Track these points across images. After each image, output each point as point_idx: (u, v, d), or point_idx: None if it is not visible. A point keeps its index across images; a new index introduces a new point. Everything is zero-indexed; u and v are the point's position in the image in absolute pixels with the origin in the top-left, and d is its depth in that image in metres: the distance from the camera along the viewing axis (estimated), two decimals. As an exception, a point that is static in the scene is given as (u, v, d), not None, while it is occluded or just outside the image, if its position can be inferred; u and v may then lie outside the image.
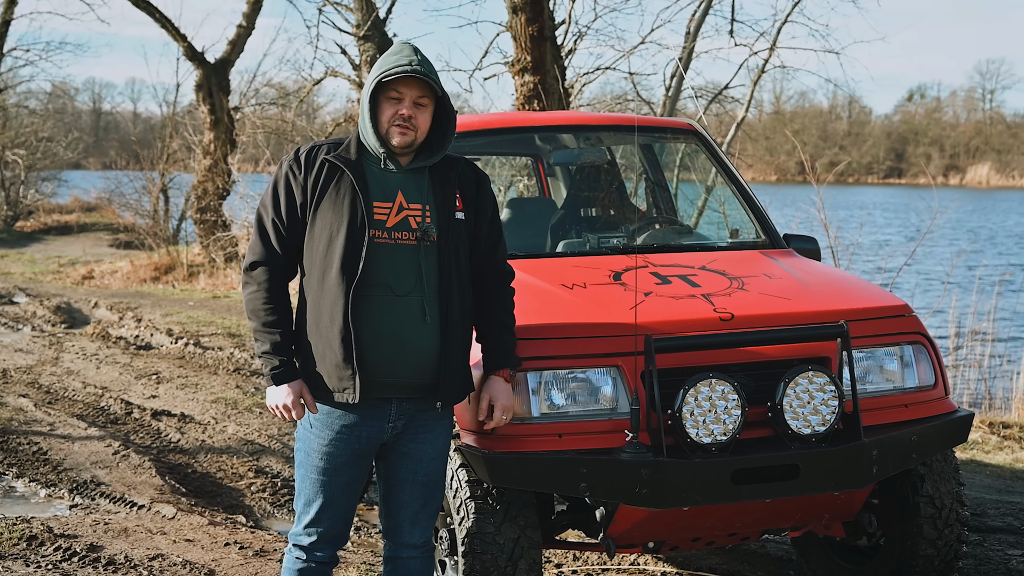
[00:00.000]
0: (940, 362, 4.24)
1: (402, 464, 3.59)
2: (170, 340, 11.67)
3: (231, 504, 6.44)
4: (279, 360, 3.47)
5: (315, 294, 3.47)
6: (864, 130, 77.17)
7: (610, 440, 3.84)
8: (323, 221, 3.46)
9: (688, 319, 4.02)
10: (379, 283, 3.43)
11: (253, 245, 3.55)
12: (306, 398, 3.50)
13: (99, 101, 75.69)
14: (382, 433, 3.52)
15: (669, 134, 5.70)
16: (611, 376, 3.91)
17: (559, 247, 5.14)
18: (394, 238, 3.46)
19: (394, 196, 3.50)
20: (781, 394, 3.84)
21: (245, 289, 3.54)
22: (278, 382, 3.48)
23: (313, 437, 3.53)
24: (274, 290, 3.50)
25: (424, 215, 3.51)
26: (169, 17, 20.86)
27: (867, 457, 3.88)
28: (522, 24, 11.99)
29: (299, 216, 3.50)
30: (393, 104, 3.46)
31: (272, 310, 3.48)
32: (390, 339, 3.43)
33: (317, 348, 3.46)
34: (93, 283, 19.70)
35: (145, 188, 25.80)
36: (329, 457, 3.51)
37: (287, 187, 3.51)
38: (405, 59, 3.44)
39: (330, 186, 3.47)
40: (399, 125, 3.46)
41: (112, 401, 8.70)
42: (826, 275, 4.68)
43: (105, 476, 6.69)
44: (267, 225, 3.52)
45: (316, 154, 3.53)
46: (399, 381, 3.47)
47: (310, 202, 3.48)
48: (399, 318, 3.45)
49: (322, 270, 3.45)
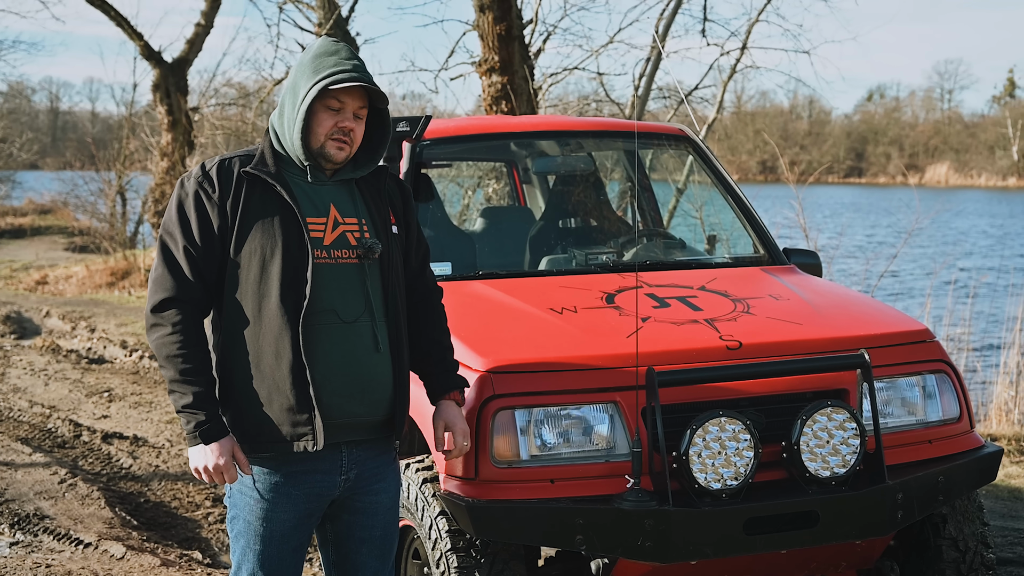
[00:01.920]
0: (965, 392, 3.87)
1: (356, 522, 3.15)
2: (124, 353, 11.16)
3: (187, 537, 5.98)
4: (205, 414, 2.94)
5: (251, 330, 2.97)
6: (824, 130, 77.45)
7: (608, 486, 3.44)
8: (251, 245, 2.97)
9: (691, 348, 3.63)
10: (324, 309, 2.98)
11: (160, 280, 2.99)
12: (238, 456, 2.99)
13: (56, 101, 74.56)
14: (334, 488, 3.07)
15: (661, 141, 5.30)
16: (608, 413, 3.51)
17: (542, 264, 4.73)
18: (334, 257, 3.01)
19: (327, 210, 3.04)
20: (798, 433, 3.46)
21: (153, 333, 2.98)
22: (206, 440, 2.95)
23: (253, 501, 3.04)
24: (191, 332, 2.96)
25: (362, 230, 3.07)
26: (125, 15, 20.36)
27: (891, 501, 3.51)
28: (489, 23, 11.58)
29: (217, 242, 2.98)
30: (331, 115, 3.00)
31: (190, 355, 2.95)
32: (342, 372, 2.99)
33: (260, 392, 2.97)
34: (47, 289, 19.08)
35: (101, 190, 25.14)
36: (274, 522, 3.03)
37: (199, 208, 2.98)
38: (347, 63, 2.98)
39: (253, 204, 2.98)
40: (337, 139, 3.01)
41: (60, 422, 8.19)
42: (836, 295, 4.31)
43: (50, 508, 6.20)
44: (177, 255, 2.98)
45: (228, 168, 3.02)
46: (354, 421, 3.03)
47: (231, 224, 2.97)
48: (349, 348, 3.00)
49: (257, 301, 2.96)
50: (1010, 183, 68.66)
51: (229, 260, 2.99)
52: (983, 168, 70.76)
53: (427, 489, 3.63)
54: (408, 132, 4.62)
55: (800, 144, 70.03)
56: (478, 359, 3.54)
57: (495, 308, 4.01)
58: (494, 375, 3.48)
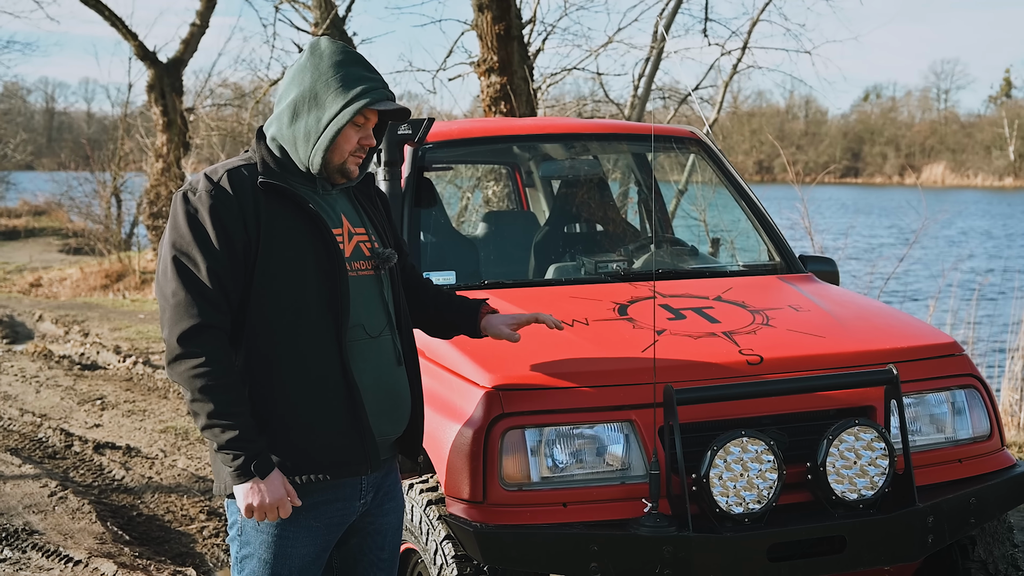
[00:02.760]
0: (995, 408, 3.69)
1: (366, 544, 2.99)
2: (118, 359, 10.95)
3: (180, 552, 5.79)
4: (255, 448, 2.67)
5: (290, 352, 2.74)
6: (821, 130, 77.35)
7: (624, 509, 3.25)
8: (280, 260, 2.73)
9: (710, 363, 3.44)
10: (355, 325, 2.82)
11: (184, 306, 2.66)
12: (288, 488, 2.73)
13: (52, 101, 74.23)
14: (352, 514, 2.90)
15: (672, 143, 5.11)
16: (623, 433, 3.32)
17: (549, 272, 4.54)
18: (355, 269, 2.85)
19: (340, 221, 2.87)
20: (824, 453, 3.28)
21: (181, 365, 2.66)
22: (262, 474, 2.67)
23: (271, 538, 2.79)
24: (227, 360, 2.69)
25: (371, 240, 2.91)
26: (119, 15, 20.17)
27: (922, 525, 3.32)
28: (488, 22, 11.40)
29: (240, 259, 2.71)
30: (357, 131, 2.81)
31: (229, 385, 2.66)
32: (377, 390, 2.85)
33: (304, 418, 2.74)
34: (41, 292, 18.88)
35: (96, 192, 24.91)
36: (293, 559, 2.80)
37: (216, 223, 2.69)
38: (375, 76, 2.79)
39: (273, 215, 2.74)
40: (357, 155, 2.85)
41: (51, 432, 7.98)
42: (858, 306, 4.12)
43: (39, 523, 6.01)
44: (200, 276, 2.68)
45: (241, 179, 2.76)
46: (384, 440, 2.91)
47: (255, 239, 2.72)
48: (378, 363, 2.87)
49: (293, 318, 2.74)
50: (1007, 183, 68.59)
51: (255, 278, 2.73)
52: (979, 168, 70.69)
53: (432, 512, 3.45)
54: (410, 135, 4.43)
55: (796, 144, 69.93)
56: (485, 375, 3.35)
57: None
58: (503, 392, 3.30)
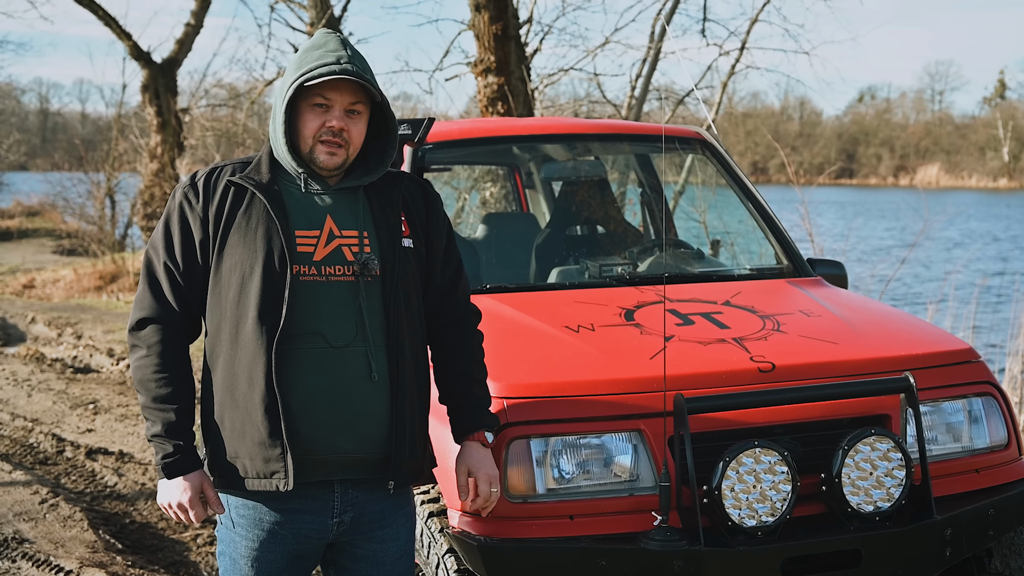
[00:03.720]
0: (1013, 416, 3.59)
1: (359, 570, 2.85)
2: (111, 361, 10.81)
3: (174, 561, 5.68)
4: (173, 445, 2.71)
5: (228, 354, 2.70)
6: (815, 131, 77.38)
7: (632, 522, 3.15)
8: (232, 260, 2.70)
9: (721, 371, 3.34)
10: (309, 332, 2.68)
11: (141, 298, 2.78)
12: (208, 494, 2.74)
13: (46, 101, 74.03)
14: (326, 531, 2.77)
15: (678, 144, 5.00)
16: (632, 443, 3.22)
17: (552, 276, 4.44)
18: (325, 274, 2.71)
19: (321, 222, 2.74)
20: (839, 464, 3.18)
21: (132, 355, 2.78)
22: (171, 474, 2.72)
23: (239, 539, 2.76)
24: (168, 355, 2.74)
25: (362, 244, 2.75)
26: (113, 15, 20.04)
27: (939, 538, 3.22)
28: (485, 22, 11.31)
29: (198, 257, 2.74)
30: (319, 114, 2.71)
31: (166, 380, 2.72)
32: (326, 403, 2.68)
33: (235, 424, 2.70)
34: (34, 293, 18.72)
35: (90, 192, 24.77)
36: (261, 563, 2.75)
37: (182, 221, 2.75)
38: (331, 55, 2.68)
39: (237, 215, 2.71)
40: (327, 141, 2.72)
41: (43, 437, 7.86)
42: (871, 311, 4.02)
43: (30, 531, 5.89)
44: (158, 272, 2.76)
45: (218, 177, 2.77)
46: (342, 458, 2.72)
47: (213, 238, 2.72)
48: (337, 376, 2.69)
49: (234, 322, 2.69)
50: (1001, 184, 68.63)
51: (212, 277, 2.73)
52: (974, 169, 70.74)
53: (434, 524, 3.34)
54: (410, 135, 4.33)
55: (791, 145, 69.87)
56: (489, 384, 3.24)
57: (506, 327, 3.70)
58: (507, 401, 3.19)
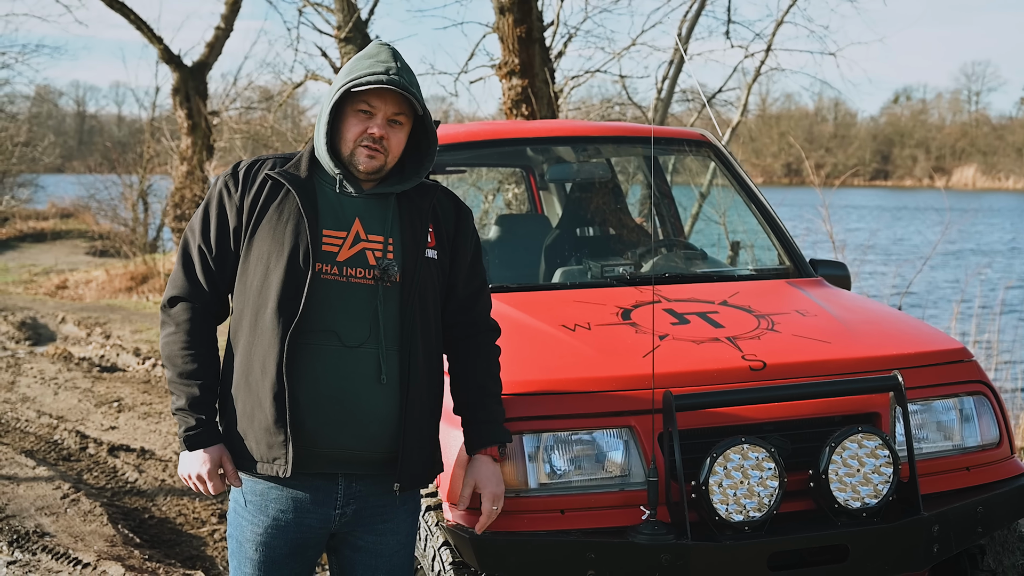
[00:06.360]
0: (1005, 415, 3.62)
1: (359, 560, 2.95)
2: (137, 361, 10.98)
3: (191, 555, 5.79)
4: (195, 419, 2.85)
5: (247, 340, 2.82)
6: (850, 132, 76.88)
7: (621, 517, 3.22)
8: (259, 250, 2.82)
9: (712, 369, 3.40)
10: (324, 330, 2.78)
11: (175, 277, 2.93)
12: (226, 467, 2.87)
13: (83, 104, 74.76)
14: (328, 521, 2.87)
15: (681, 146, 5.06)
16: (622, 439, 3.28)
17: (556, 276, 4.51)
18: (346, 275, 2.80)
19: (349, 224, 2.84)
20: (826, 461, 3.23)
21: (162, 330, 2.93)
22: (192, 446, 2.86)
23: (246, 523, 2.90)
24: (196, 333, 2.88)
25: (385, 250, 2.84)
26: (145, 19, 20.26)
27: (927, 534, 3.26)
28: (509, 25, 11.38)
29: (231, 243, 2.88)
30: (362, 120, 2.82)
31: (192, 357, 2.86)
32: (334, 400, 2.78)
33: (246, 407, 2.82)
34: (66, 294, 18.97)
35: (122, 195, 25.07)
36: (265, 548, 2.87)
37: (219, 208, 2.90)
38: (381, 65, 2.77)
39: (271, 208, 2.84)
40: (368, 147, 2.81)
41: (67, 434, 8.01)
42: (867, 311, 4.06)
43: (51, 525, 6.02)
44: (192, 253, 2.91)
45: (258, 169, 2.90)
46: (346, 454, 2.82)
47: (245, 227, 2.85)
48: (347, 375, 2.79)
49: (255, 310, 2.81)
50: (1039, 185, 67.99)
51: (241, 264, 2.87)
52: (1011, 170, 70.05)
53: (431, 517, 3.42)
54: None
55: (825, 147, 69.57)
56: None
57: (504, 325, 3.76)
58: (501, 398, 3.26)
